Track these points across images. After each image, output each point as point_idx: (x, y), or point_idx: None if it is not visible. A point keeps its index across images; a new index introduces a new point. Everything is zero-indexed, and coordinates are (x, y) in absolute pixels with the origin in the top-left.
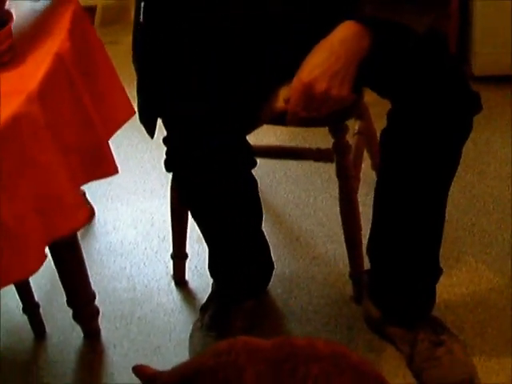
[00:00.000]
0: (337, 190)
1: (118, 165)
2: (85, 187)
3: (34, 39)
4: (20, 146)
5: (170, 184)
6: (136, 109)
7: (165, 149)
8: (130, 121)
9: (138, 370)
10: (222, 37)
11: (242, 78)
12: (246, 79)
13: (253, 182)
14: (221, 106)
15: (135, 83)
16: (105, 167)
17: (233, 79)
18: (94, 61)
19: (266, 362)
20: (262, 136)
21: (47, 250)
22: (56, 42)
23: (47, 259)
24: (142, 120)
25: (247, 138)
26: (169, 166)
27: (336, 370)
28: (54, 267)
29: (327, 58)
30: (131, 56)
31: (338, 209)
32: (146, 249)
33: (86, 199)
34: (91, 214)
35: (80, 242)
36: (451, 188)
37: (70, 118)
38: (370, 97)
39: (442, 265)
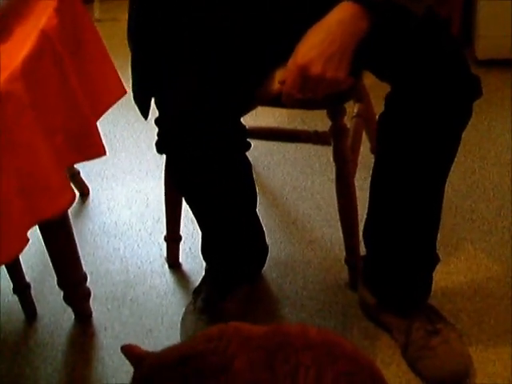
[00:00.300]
0: (334, 174)
1: (114, 144)
2: (79, 166)
3: (20, 16)
4: (2, 125)
5: (164, 165)
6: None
7: None
8: (126, 99)
9: (127, 350)
10: (218, 18)
11: (238, 58)
12: (241, 60)
13: (247, 164)
14: (215, 87)
15: None
16: (92, 148)
17: (228, 60)
18: (82, 39)
19: (258, 350)
20: (260, 117)
21: (37, 229)
22: (42, 18)
23: (38, 238)
24: (136, 100)
25: (245, 119)
26: (160, 147)
27: (328, 358)
28: (45, 247)
29: (323, 40)
30: None
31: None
32: (140, 230)
33: (81, 178)
34: (85, 192)
35: (73, 221)
36: (450, 173)
37: (56, 98)
38: (369, 79)
39: (439, 252)
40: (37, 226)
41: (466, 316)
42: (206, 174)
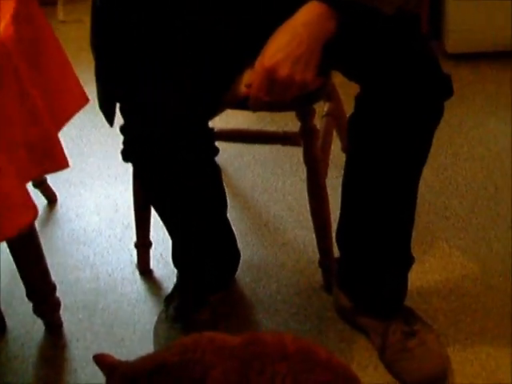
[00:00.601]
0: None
1: (81, 149)
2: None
3: None
4: None
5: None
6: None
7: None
8: (92, 103)
9: (99, 360)
10: (181, 21)
11: (203, 62)
12: (207, 63)
13: (216, 170)
14: (180, 91)
15: None
16: (54, 161)
17: (193, 64)
18: (41, 47)
19: (233, 360)
20: (229, 118)
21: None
22: None
23: (5, 249)
24: (101, 107)
25: (213, 121)
26: (126, 156)
27: (304, 367)
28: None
29: (289, 42)
30: None
31: None
32: (109, 236)
33: (48, 185)
34: (53, 199)
35: (41, 229)
36: (423, 170)
37: (15, 111)
38: (338, 78)
39: (414, 250)
40: None
41: (442, 316)
42: (173, 182)
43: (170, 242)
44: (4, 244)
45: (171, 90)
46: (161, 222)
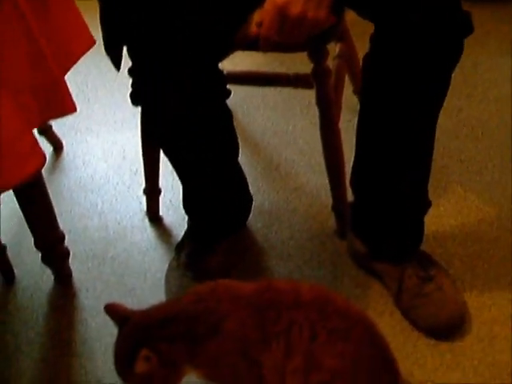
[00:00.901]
0: (317, 117)
1: (87, 95)
2: (51, 120)
3: None
4: None
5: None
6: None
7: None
8: (97, 48)
9: (110, 309)
10: None
11: (214, 1)
12: (218, 3)
13: (227, 113)
14: (191, 30)
15: None
16: (61, 105)
17: (204, 2)
18: None
19: (248, 309)
20: (237, 61)
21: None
22: None
23: (12, 198)
24: (108, 50)
25: (221, 63)
26: (135, 99)
27: (321, 315)
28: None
29: None
30: None
31: (319, 136)
32: (117, 183)
33: (53, 132)
34: (59, 147)
35: (48, 178)
36: None
37: (21, 54)
38: (350, 16)
39: (428, 194)
40: None
41: (458, 261)
42: (184, 125)
43: (180, 188)
44: (11, 192)
45: (181, 29)
46: (170, 168)
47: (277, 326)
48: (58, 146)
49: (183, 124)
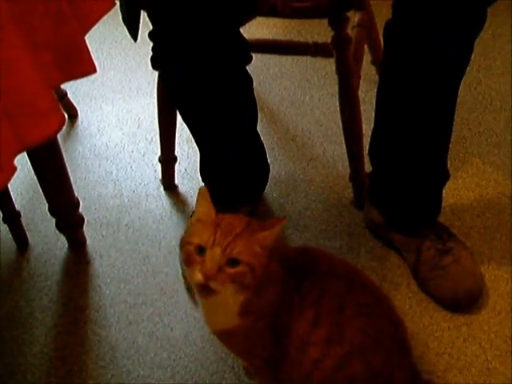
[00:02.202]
0: (334, 87)
1: (102, 62)
2: (66, 86)
3: None
4: None
5: (156, 82)
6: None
7: (151, 44)
8: (112, 15)
9: None
10: None
11: None
12: None
13: (248, 79)
14: None
15: None
16: (81, 65)
17: None
18: None
19: (290, 272)
20: (254, 29)
21: (25, 154)
22: None
23: (27, 163)
24: (125, 19)
25: None
26: (156, 63)
27: (350, 289)
28: (34, 173)
29: None
30: None
31: (336, 107)
32: (132, 151)
33: (68, 99)
34: (74, 114)
35: (62, 145)
36: None
37: (41, 11)
38: None
39: (447, 167)
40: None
41: (476, 233)
42: (204, 89)
43: (195, 156)
44: (25, 158)
45: None
46: (185, 137)
47: (311, 295)
48: (72, 114)
49: (203, 88)
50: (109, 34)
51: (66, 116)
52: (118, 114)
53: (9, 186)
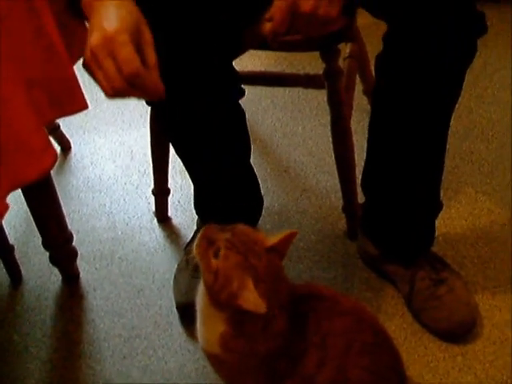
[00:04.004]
0: (327, 118)
1: (94, 94)
2: (59, 119)
3: None
4: None
5: (149, 114)
6: None
7: None
8: None
9: None
10: None
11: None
12: (229, 1)
13: (241, 113)
14: (203, 29)
15: None
16: (73, 102)
17: (215, 2)
18: None
19: (292, 310)
20: (246, 61)
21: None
22: None
23: (20, 197)
24: None
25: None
26: None
27: (355, 327)
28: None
29: None
30: None
31: (329, 137)
32: (125, 184)
33: (61, 132)
34: (67, 147)
35: (55, 178)
36: None
37: (32, 46)
38: (360, 17)
39: (440, 197)
40: None
41: (469, 263)
42: (197, 124)
43: (189, 188)
44: (19, 191)
45: (192, 28)
46: (178, 169)
47: (316, 336)
48: (65, 146)
49: (196, 123)
50: None
51: (59, 148)
52: (111, 147)
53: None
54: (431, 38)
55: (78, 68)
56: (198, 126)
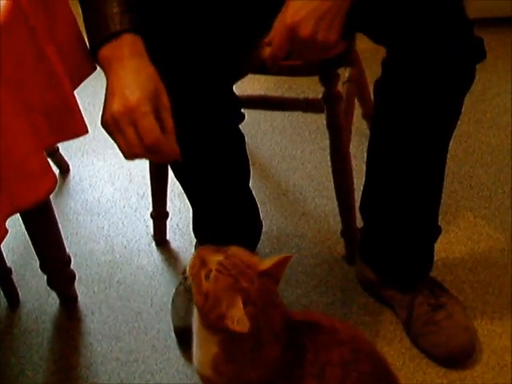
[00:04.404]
0: (325, 141)
1: (93, 117)
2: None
3: None
4: None
5: None
6: None
7: None
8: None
9: None
10: None
11: (224, 23)
12: (228, 24)
13: (240, 137)
14: (202, 55)
15: None
16: (73, 127)
17: (214, 25)
18: (53, 10)
19: (289, 342)
20: (245, 84)
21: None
22: None
23: (18, 220)
24: None
25: None
26: None
27: (353, 357)
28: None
29: None
30: None
31: (327, 161)
32: (124, 207)
33: (60, 154)
34: (65, 169)
35: (54, 200)
36: None
37: (33, 73)
38: (359, 41)
39: (439, 221)
40: None
41: (468, 288)
42: (197, 149)
43: (187, 212)
44: (16, 214)
45: (191, 53)
46: (177, 192)
47: (314, 367)
48: (64, 169)
49: (196, 147)
50: (100, 89)
51: (58, 171)
52: (110, 169)
53: None
54: (430, 64)
55: (78, 92)
56: (197, 150)
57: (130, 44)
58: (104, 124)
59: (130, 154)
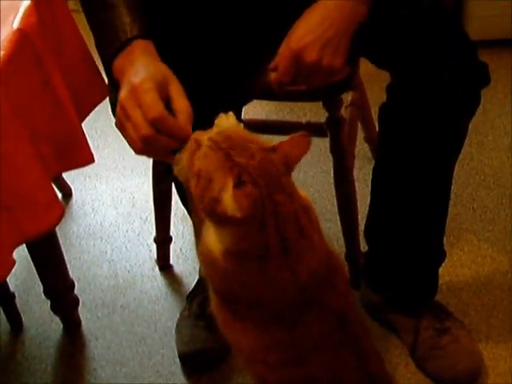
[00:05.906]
0: (328, 165)
1: (96, 140)
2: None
3: None
4: None
5: (151, 161)
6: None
7: None
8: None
9: None
10: (207, 13)
11: (230, 50)
12: (234, 51)
13: None
14: (208, 81)
15: None
16: (80, 156)
17: (219, 51)
18: (62, 35)
19: None
20: (248, 108)
21: None
22: (20, 16)
23: (22, 245)
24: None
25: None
26: None
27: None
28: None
29: (320, 24)
30: None
31: (330, 184)
32: (127, 231)
33: (62, 178)
34: (68, 193)
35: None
36: None
37: (40, 102)
38: (360, 64)
39: (443, 246)
40: None
41: (473, 311)
42: None
43: (190, 236)
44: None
45: (197, 80)
46: (180, 216)
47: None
48: (66, 193)
49: None
50: (103, 113)
51: (60, 195)
52: (113, 193)
53: None
54: (435, 90)
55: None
56: None
57: (142, 47)
58: (116, 119)
59: (138, 139)
